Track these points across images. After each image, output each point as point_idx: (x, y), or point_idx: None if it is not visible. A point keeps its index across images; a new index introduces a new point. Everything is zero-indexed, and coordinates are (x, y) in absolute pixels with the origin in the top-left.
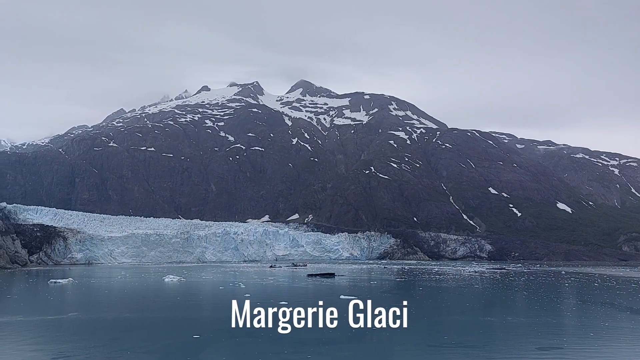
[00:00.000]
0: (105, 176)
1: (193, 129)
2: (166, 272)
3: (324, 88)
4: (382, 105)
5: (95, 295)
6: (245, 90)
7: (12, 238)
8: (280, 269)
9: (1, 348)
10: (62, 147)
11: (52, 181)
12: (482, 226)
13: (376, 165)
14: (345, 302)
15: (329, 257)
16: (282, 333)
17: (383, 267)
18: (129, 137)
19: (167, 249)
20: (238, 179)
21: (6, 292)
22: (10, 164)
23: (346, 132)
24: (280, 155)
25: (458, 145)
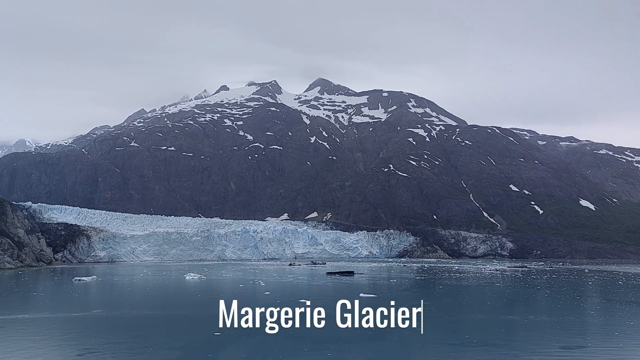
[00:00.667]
0: (127, 175)
1: (212, 128)
2: (187, 270)
3: (342, 86)
4: (401, 103)
5: (119, 293)
6: (264, 90)
7: (38, 237)
8: (300, 267)
9: (28, 344)
10: (85, 147)
11: (75, 181)
12: (503, 224)
13: (395, 163)
14: (364, 301)
15: (348, 255)
16: (302, 331)
17: (402, 266)
18: (149, 137)
19: (187, 247)
20: (257, 178)
21: (32, 290)
22: (35, 164)
23: (364, 130)
24: (299, 153)
25: (478, 142)
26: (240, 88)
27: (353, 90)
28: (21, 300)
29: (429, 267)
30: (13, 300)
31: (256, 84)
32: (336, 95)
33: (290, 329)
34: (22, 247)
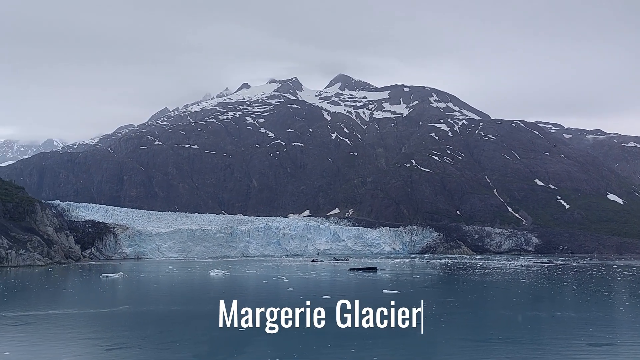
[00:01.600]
0: (152, 173)
1: (234, 126)
2: (211, 267)
3: (362, 82)
4: (423, 97)
5: (145, 289)
6: (284, 87)
7: (66, 234)
8: (322, 263)
9: (59, 339)
10: (111, 146)
11: (102, 179)
12: (528, 219)
13: (417, 158)
14: (388, 297)
15: (371, 251)
16: (324, 328)
17: (426, 262)
18: (173, 136)
19: (211, 243)
20: (279, 175)
21: (62, 286)
22: (63, 163)
23: (386, 125)
24: (320, 150)
25: (502, 137)
26: (262, 85)
27: (374, 85)
28: (51, 297)
29: (452, 263)
30: (44, 297)
31: (277, 81)
32: (357, 91)
33: (313, 325)
34: (51, 245)
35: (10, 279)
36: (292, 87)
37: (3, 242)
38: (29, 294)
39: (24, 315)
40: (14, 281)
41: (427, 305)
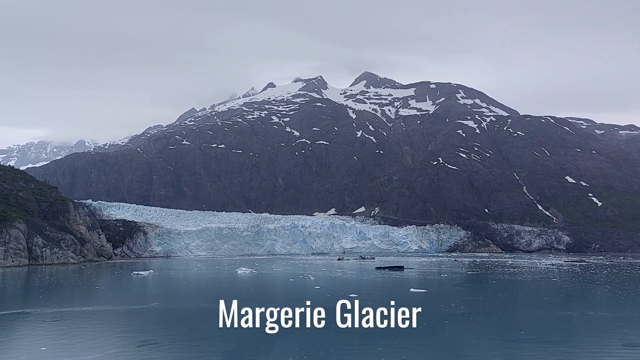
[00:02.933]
0: (180, 173)
1: (260, 125)
2: (239, 265)
3: (388, 79)
4: (449, 94)
5: (174, 287)
6: (310, 85)
7: (98, 233)
8: (348, 262)
9: (92, 335)
10: (140, 146)
11: (132, 179)
12: (559, 217)
13: (444, 155)
14: (415, 296)
15: (397, 250)
16: (349, 327)
17: (453, 260)
18: (200, 135)
19: (238, 242)
20: (304, 173)
21: (95, 284)
22: (95, 163)
23: (412, 122)
24: (345, 148)
25: (531, 133)
26: (287, 85)
27: (400, 83)
28: (85, 294)
29: (481, 262)
30: (78, 294)
31: (302, 80)
32: (382, 88)
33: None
34: (84, 243)
35: (45, 276)
36: (317, 86)
37: (38, 240)
38: (63, 291)
39: (59, 311)
40: (49, 278)
41: (455, 305)
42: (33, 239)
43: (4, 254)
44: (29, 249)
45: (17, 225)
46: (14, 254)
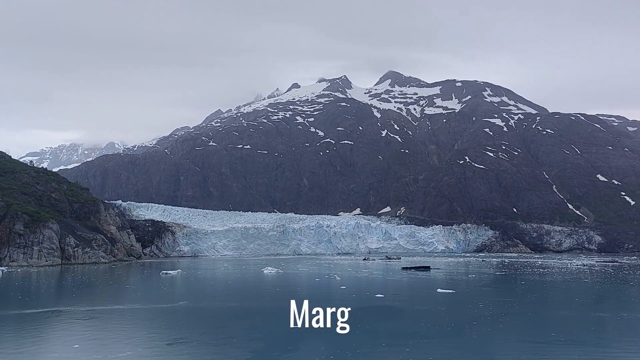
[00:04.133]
0: (207, 174)
1: (285, 125)
2: (265, 264)
3: (413, 78)
4: (476, 92)
5: (202, 286)
6: (334, 85)
7: (128, 233)
8: (374, 262)
9: (123, 333)
10: (168, 147)
11: (160, 180)
12: (590, 216)
13: (471, 154)
14: (442, 296)
15: (423, 250)
16: (380, 326)
17: (481, 260)
18: (226, 136)
19: (264, 241)
20: (329, 173)
21: (125, 283)
22: (124, 165)
23: (438, 121)
24: (370, 148)
25: (561, 131)
26: (311, 85)
27: (425, 81)
28: (115, 292)
29: (509, 262)
30: (109, 293)
31: (326, 80)
32: (407, 87)
33: (366, 324)
34: (114, 243)
35: (77, 275)
36: (342, 86)
37: (70, 240)
38: (95, 290)
39: (91, 310)
40: (81, 277)
41: (483, 305)
42: (65, 239)
43: (38, 253)
44: (61, 248)
45: (50, 225)
46: (47, 253)
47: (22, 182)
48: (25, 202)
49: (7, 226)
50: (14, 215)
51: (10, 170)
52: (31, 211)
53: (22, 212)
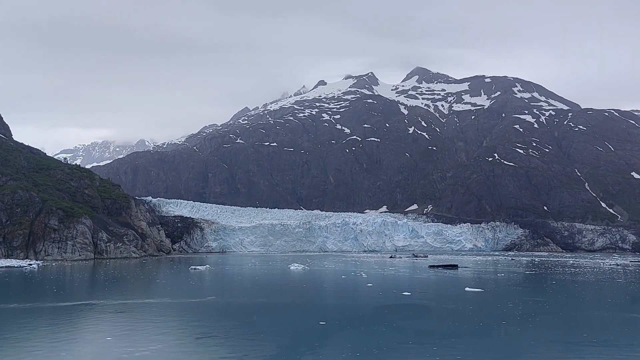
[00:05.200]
0: (234, 171)
1: (311, 123)
2: (291, 261)
3: (441, 74)
4: (506, 88)
5: (230, 281)
6: (360, 82)
7: (158, 229)
8: (401, 260)
9: (153, 326)
10: (196, 145)
11: (188, 176)
12: (624, 215)
13: (500, 151)
14: (471, 295)
15: (451, 248)
16: (407, 324)
17: (510, 259)
18: (253, 134)
19: (291, 238)
20: (355, 170)
21: (155, 277)
22: (154, 162)
23: (466, 118)
24: (397, 145)
25: (593, 127)
26: (338, 82)
27: (453, 77)
28: (146, 287)
29: (539, 262)
30: (140, 287)
31: (353, 77)
32: (435, 83)
33: (393, 322)
34: (145, 238)
35: (109, 270)
36: (368, 82)
37: (103, 235)
38: (126, 284)
39: (123, 303)
40: (113, 272)
41: (512, 305)
42: (98, 234)
43: (71, 248)
44: (94, 243)
45: (83, 221)
46: (80, 248)
47: (56, 179)
48: (59, 198)
49: (43, 221)
50: (49, 210)
51: (45, 167)
52: (65, 207)
53: (57, 208)
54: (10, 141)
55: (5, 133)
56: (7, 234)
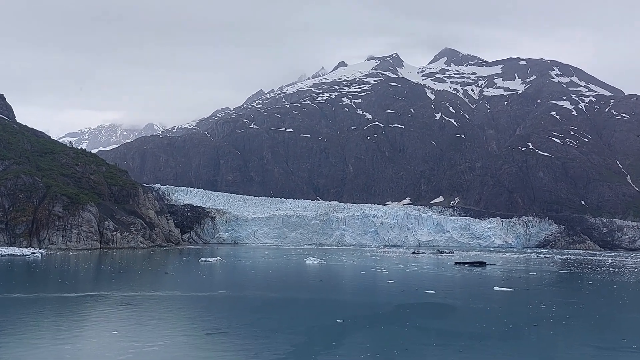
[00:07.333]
0: (247, 158)
1: (330, 107)
2: (307, 254)
3: (471, 56)
4: (542, 72)
5: (242, 275)
6: (384, 64)
7: (167, 218)
8: (424, 256)
9: (161, 320)
10: (208, 130)
11: (199, 163)
12: None
13: (534, 140)
14: (500, 295)
15: (479, 244)
16: (430, 324)
17: (543, 257)
18: (268, 119)
19: (307, 230)
20: (376, 159)
21: (164, 269)
22: (163, 147)
23: (498, 104)
24: (422, 132)
25: (637, 115)
26: (359, 64)
27: (484, 59)
28: (154, 279)
29: (575, 260)
30: (147, 278)
31: (376, 58)
32: (465, 66)
33: (415, 321)
34: (153, 228)
35: (116, 260)
36: (392, 64)
37: (109, 224)
38: (133, 275)
39: (130, 295)
40: (120, 262)
41: (545, 306)
42: (104, 223)
43: (76, 236)
44: (100, 232)
45: (89, 208)
46: (86, 237)
47: (61, 163)
48: (64, 183)
49: (47, 208)
50: (53, 196)
51: (50, 150)
52: (70, 193)
53: (62, 194)
54: (14, 123)
55: (8, 114)
56: (10, 221)
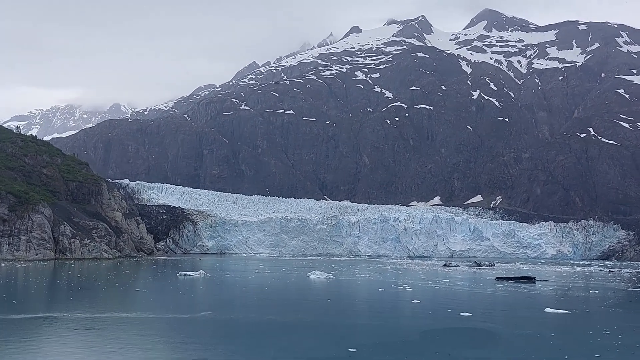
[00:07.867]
0: (237, 147)
1: (340, 84)
2: (311, 267)
3: (517, 19)
4: (607, 39)
5: (231, 292)
6: (408, 29)
7: (137, 221)
8: (458, 269)
9: (130, 348)
10: (188, 112)
11: (177, 154)
12: None
13: (597, 125)
14: (553, 318)
15: (527, 255)
16: (465, 354)
17: (607, 271)
18: (263, 98)
19: (311, 237)
20: (398, 149)
21: (134, 285)
22: (132, 133)
23: (551, 79)
24: (456, 115)
25: None
26: (377, 29)
27: (534, 23)
28: (122, 297)
29: None
30: (114, 297)
31: (397, 22)
32: (510, 31)
33: (447, 351)
34: (120, 234)
35: (75, 273)
36: (418, 30)
37: (66, 229)
38: (97, 293)
39: (92, 317)
40: (79, 276)
41: (610, 332)
42: (60, 227)
43: (26, 244)
44: (55, 239)
45: (41, 209)
46: (37, 245)
47: (6, 154)
48: (10, 178)
49: None
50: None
51: None
52: (17, 190)
53: (7, 192)
54: None
55: None
56: None
